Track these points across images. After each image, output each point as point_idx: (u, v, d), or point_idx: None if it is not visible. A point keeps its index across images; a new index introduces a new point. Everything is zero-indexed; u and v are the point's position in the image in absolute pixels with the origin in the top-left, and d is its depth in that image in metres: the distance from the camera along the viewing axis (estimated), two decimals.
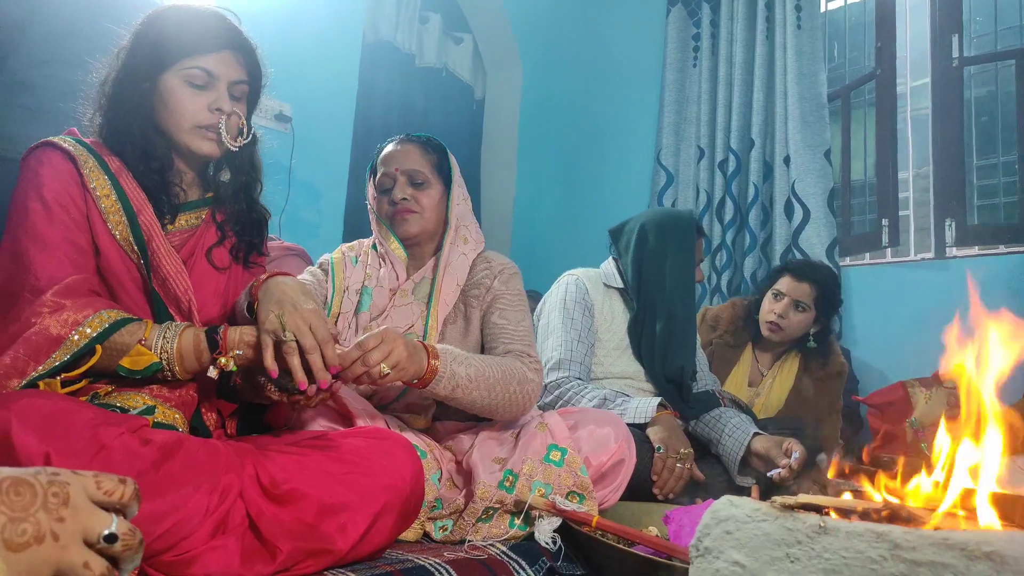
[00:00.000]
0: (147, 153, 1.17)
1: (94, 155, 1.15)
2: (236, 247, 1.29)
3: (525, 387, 1.44)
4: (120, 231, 1.13)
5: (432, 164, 1.61)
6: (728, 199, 3.49)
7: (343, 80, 3.21)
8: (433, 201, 1.60)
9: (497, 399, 1.38)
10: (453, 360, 1.32)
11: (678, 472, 1.73)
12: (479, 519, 1.36)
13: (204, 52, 1.17)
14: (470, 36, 4.36)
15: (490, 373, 1.37)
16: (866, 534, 0.69)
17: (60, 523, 0.53)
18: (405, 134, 1.66)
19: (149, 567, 0.91)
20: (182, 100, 1.17)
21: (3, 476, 0.52)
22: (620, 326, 2.08)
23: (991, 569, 0.62)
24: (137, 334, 1.06)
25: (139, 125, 1.17)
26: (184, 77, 1.17)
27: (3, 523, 0.51)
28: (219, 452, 1.01)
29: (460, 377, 1.32)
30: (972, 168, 3.48)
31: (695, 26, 3.80)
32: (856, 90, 3.36)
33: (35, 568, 0.53)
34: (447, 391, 1.32)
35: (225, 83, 1.19)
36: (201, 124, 1.18)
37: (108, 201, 1.13)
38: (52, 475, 0.55)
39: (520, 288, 1.64)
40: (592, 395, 1.87)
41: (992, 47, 3.54)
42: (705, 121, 3.66)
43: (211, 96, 1.18)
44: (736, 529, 0.78)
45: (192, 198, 1.26)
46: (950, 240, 2.94)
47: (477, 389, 1.35)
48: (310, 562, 1.02)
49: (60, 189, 1.11)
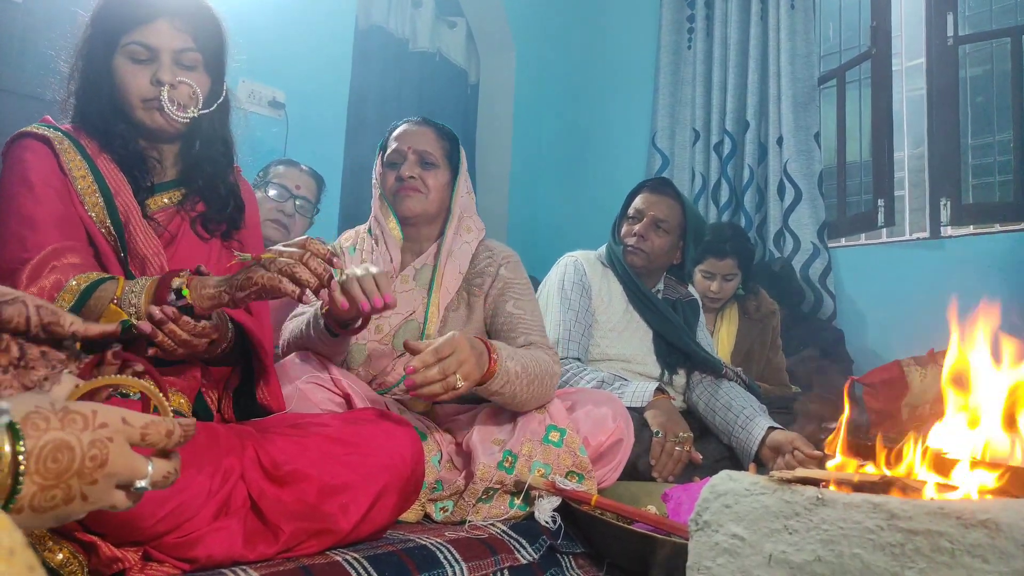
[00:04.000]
0: (108, 132, 1.17)
1: (69, 138, 1.15)
2: (207, 220, 1.26)
3: (553, 381, 1.46)
4: (96, 212, 1.13)
5: (444, 150, 1.62)
6: (723, 181, 3.49)
7: (336, 66, 3.19)
8: (439, 184, 1.60)
9: (533, 393, 1.40)
10: (507, 357, 1.33)
11: (677, 455, 1.74)
12: (479, 500, 1.37)
13: (140, 24, 1.15)
14: (463, 20, 4.33)
15: (532, 368, 1.38)
16: (863, 505, 0.70)
17: (92, 485, 0.54)
18: (422, 117, 1.67)
19: (153, 549, 0.92)
20: (127, 77, 1.15)
21: (48, 440, 0.52)
22: (618, 307, 2.09)
23: (986, 536, 0.62)
24: (110, 291, 1.04)
25: (98, 107, 1.17)
26: (127, 54, 1.15)
27: (34, 492, 0.51)
28: (219, 435, 1.02)
29: (511, 373, 1.33)
30: (967, 147, 3.48)
31: (689, 7, 3.78)
32: (850, 70, 3.36)
33: (61, 518, 0.54)
34: (499, 386, 1.32)
35: (168, 53, 1.15)
36: (146, 98, 1.16)
37: (84, 183, 1.13)
38: (98, 428, 0.55)
39: (526, 276, 1.66)
40: (591, 377, 1.88)
41: (987, 25, 3.53)
42: (700, 103, 3.65)
43: (152, 68, 1.15)
44: (735, 502, 0.79)
45: (171, 177, 1.26)
46: (945, 219, 2.95)
47: (521, 384, 1.35)
48: (312, 542, 1.02)
49: (45, 171, 1.12)
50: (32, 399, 0.53)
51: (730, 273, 2.59)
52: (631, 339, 2.07)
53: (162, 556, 0.93)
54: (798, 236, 3.18)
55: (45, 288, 1.03)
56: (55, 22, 2.15)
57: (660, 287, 2.17)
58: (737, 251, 2.58)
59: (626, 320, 2.09)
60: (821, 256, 3.14)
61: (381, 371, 1.53)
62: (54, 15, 2.17)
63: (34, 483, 0.51)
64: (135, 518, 0.88)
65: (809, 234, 3.16)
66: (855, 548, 0.69)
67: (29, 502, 0.51)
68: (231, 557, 0.96)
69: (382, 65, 3.83)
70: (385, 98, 3.78)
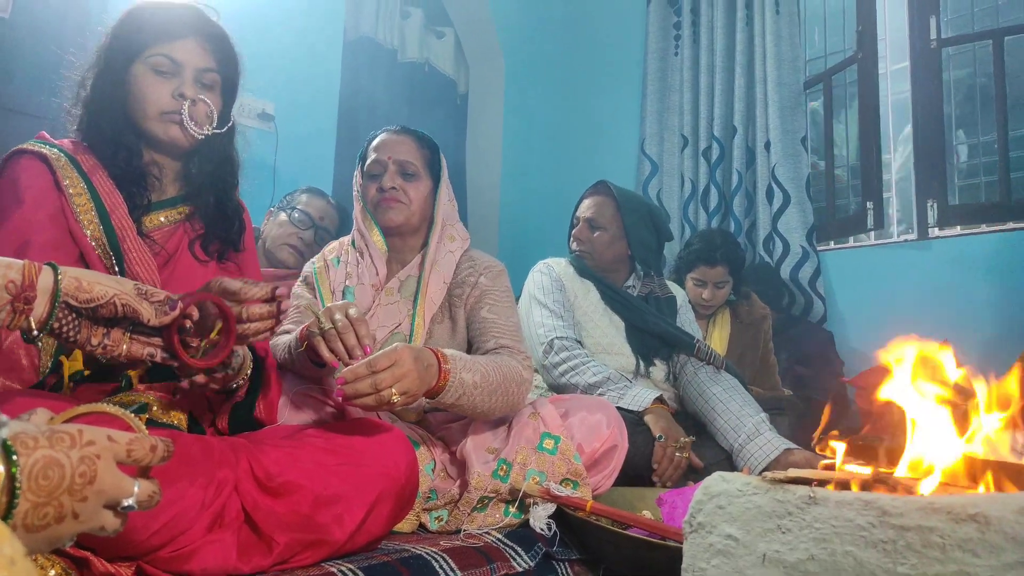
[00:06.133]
0: (116, 142, 1.17)
1: (66, 155, 1.15)
2: (207, 241, 1.27)
3: (521, 388, 1.43)
4: (92, 230, 1.13)
5: (424, 159, 1.61)
6: (712, 186, 3.51)
7: (325, 77, 3.19)
8: (421, 195, 1.59)
9: (496, 403, 1.37)
10: (463, 368, 1.30)
11: (677, 460, 1.75)
12: (474, 508, 1.36)
13: (169, 40, 1.17)
14: (451, 30, 4.35)
15: (493, 377, 1.35)
16: (855, 503, 0.71)
17: (82, 503, 0.54)
18: (400, 126, 1.66)
19: (147, 564, 0.91)
20: (146, 87, 1.17)
21: (38, 457, 0.52)
22: (594, 303, 2.15)
23: (976, 530, 0.63)
24: None
25: (109, 116, 1.17)
26: (150, 65, 1.17)
27: (27, 509, 0.51)
28: (213, 447, 1.01)
29: (467, 384, 1.29)
30: (952, 149, 3.51)
31: (676, 14, 3.81)
32: (836, 74, 3.39)
33: (52, 540, 0.54)
34: (452, 399, 1.29)
35: (191, 70, 1.18)
36: (165, 110, 1.17)
37: (80, 199, 1.13)
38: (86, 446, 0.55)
39: (507, 285, 1.63)
40: (596, 370, 1.93)
41: (969, 28, 3.57)
42: (688, 109, 3.67)
43: (175, 83, 1.18)
44: (728, 503, 0.79)
45: (171, 194, 1.26)
46: (932, 220, 2.97)
47: (480, 395, 1.32)
48: (307, 553, 1.02)
49: (39, 191, 1.11)
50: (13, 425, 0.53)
51: (721, 280, 2.63)
52: (607, 330, 2.12)
53: (155, 571, 0.92)
54: (787, 240, 3.20)
55: None
56: (41, 37, 2.15)
57: (633, 283, 2.22)
58: (728, 258, 2.61)
59: (600, 312, 2.15)
60: (810, 259, 3.16)
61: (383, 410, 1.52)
62: (40, 29, 2.17)
63: (27, 500, 0.51)
64: (128, 532, 0.87)
65: (798, 238, 3.17)
66: (847, 546, 0.70)
67: (22, 520, 0.51)
68: (225, 570, 0.95)
69: (371, 76, 3.84)
70: (375, 109, 3.79)
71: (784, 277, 3.16)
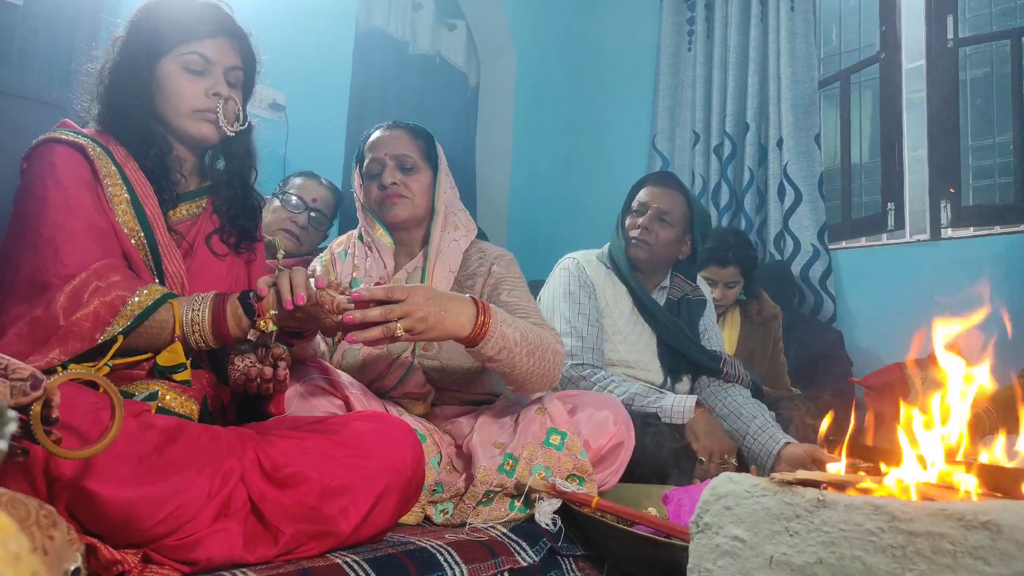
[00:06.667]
0: (146, 139, 1.18)
1: (100, 145, 1.15)
2: (227, 233, 1.29)
3: (556, 359, 1.43)
4: (127, 221, 1.14)
5: (420, 150, 1.61)
6: (724, 184, 3.49)
7: (337, 68, 3.19)
8: (422, 187, 1.60)
9: (535, 366, 1.37)
10: (503, 322, 1.31)
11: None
12: (480, 502, 1.36)
13: (201, 38, 1.19)
14: (463, 23, 4.33)
15: (532, 339, 1.36)
16: (864, 507, 0.70)
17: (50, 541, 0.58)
18: (392, 120, 1.66)
19: (153, 551, 0.92)
20: (180, 85, 1.18)
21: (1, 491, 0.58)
22: (624, 310, 2.04)
23: (987, 538, 0.62)
24: (166, 322, 1.07)
25: (138, 112, 1.18)
26: (182, 63, 1.18)
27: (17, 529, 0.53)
28: (220, 437, 1.02)
29: (508, 339, 1.31)
30: (968, 149, 3.47)
31: (689, 9, 3.78)
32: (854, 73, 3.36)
33: None
34: (493, 352, 1.30)
35: (221, 69, 1.21)
36: (199, 108, 1.19)
37: (116, 190, 1.14)
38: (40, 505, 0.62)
39: (520, 273, 1.64)
40: (622, 390, 1.83)
41: (988, 28, 3.52)
42: (700, 105, 3.65)
43: (208, 81, 1.20)
44: (736, 504, 0.79)
45: (191, 187, 1.28)
46: (946, 221, 2.95)
47: (520, 354, 1.33)
48: (313, 545, 1.02)
49: (77, 178, 1.12)
50: None
51: (732, 280, 2.60)
52: (636, 344, 2.02)
53: (162, 558, 0.92)
54: (798, 238, 3.18)
55: (100, 314, 1.03)
56: (56, 25, 2.15)
57: (666, 283, 2.11)
58: (740, 259, 2.57)
59: (631, 323, 2.04)
60: (821, 258, 3.14)
61: (377, 375, 1.53)
62: (55, 18, 2.17)
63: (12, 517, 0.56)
64: (134, 519, 0.88)
65: (809, 236, 3.15)
66: (856, 550, 0.69)
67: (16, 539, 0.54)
68: (231, 559, 0.96)
69: (382, 68, 3.83)
70: (385, 101, 3.79)
71: (794, 275, 3.14)
